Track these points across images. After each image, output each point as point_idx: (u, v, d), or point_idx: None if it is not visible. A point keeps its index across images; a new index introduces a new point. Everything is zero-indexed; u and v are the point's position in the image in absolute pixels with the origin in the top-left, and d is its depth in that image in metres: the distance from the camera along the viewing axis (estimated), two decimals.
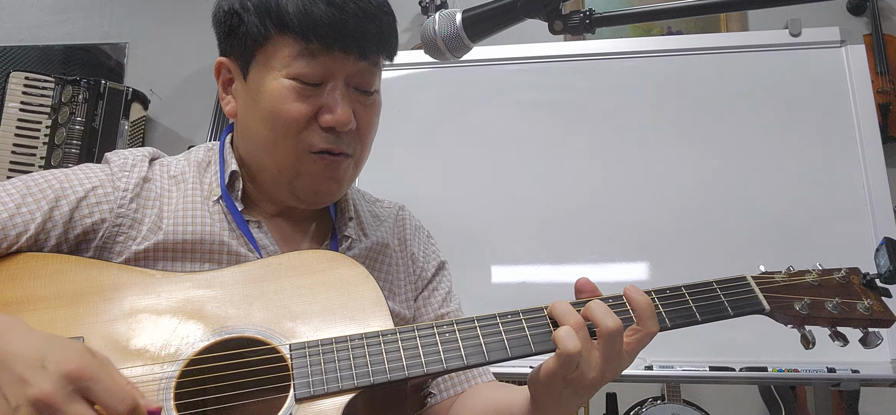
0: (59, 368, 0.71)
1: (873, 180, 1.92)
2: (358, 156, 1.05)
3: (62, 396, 0.70)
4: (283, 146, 0.99)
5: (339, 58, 0.96)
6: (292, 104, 0.97)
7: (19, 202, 0.94)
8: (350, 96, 0.99)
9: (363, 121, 1.02)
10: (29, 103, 3.42)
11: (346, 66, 0.97)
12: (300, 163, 1.00)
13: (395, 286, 1.15)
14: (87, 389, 0.72)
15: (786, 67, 2.08)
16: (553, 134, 2.16)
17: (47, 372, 0.71)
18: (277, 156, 1.00)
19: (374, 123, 1.06)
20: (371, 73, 1.01)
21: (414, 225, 1.24)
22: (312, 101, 0.97)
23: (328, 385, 0.81)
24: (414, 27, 3.65)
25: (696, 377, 1.86)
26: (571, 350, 0.80)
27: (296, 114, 0.97)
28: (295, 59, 0.96)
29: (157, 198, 1.02)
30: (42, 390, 0.70)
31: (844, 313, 0.92)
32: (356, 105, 1.00)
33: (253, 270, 0.94)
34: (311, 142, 0.98)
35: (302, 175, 1.01)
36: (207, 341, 0.86)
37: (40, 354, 0.73)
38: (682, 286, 0.92)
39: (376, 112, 1.06)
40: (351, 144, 1.02)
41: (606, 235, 2.03)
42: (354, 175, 1.08)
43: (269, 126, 0.99)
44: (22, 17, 4.15)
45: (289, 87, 0.97)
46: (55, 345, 0.75)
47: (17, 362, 0.73)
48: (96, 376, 0.73)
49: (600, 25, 0.91)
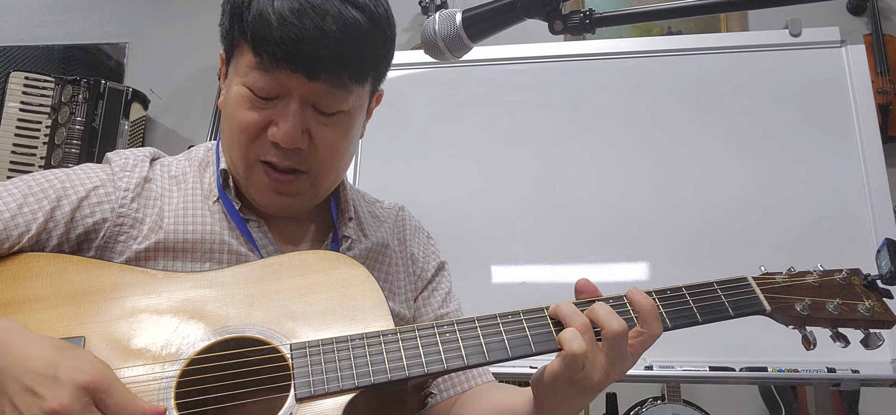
0: (73, 379, 0.72)
1: (873, 180, 1.92)
2: (316, 173, 1.01)
3: (79, 408, 0.71)
4: (238, 151, 1.00)
5: (289, 75, 0.93)
6: (245, 112, 0.96)
7: (21, 202, 0.94)
8: (305, 115, 0.96)
9: (321, 140, 0.98)
10: (29, 103, 3.43)
11: (300, 85, 0.94)
12: (250, 170, 1.00)
13: (395, 287, 1.15)
14: (101, 401, 0.73)
15: (786, 67, 2.08)
16: (553, 134, 2.16)
17: (62, 384, 0.71)
18: (234, 157, 1.02)
19: (341, 143, 1.01)
20: (330, 94, 0.95)
21: (414, 225, 1.24)
22: (264, 112, 0.96)
23: (329, 385, 0.81)
24: (414, 27, 3.65)
25: (696, 377, 1.86)
26: (578, 352, 0.80)
27: (246, 122, 0.96)
28: (250, 70, 0.95)
29: (158, 198, 1.02)
30: (60, 402, 0.70)
31: (845, 314, 0.92)
32: (313, 124, 0.97)
33: (254, 270, 0.94)
34: (259, 152, 0.98)
35: (252, 183, 1.02)
36: (208, 341, 0.86)
37: (52, 364, 0.73)
38: (683, 287, 0.92)
39: (342, 132, 1.00)
40: (304, 161, 0.99)
41: (606, 235, 2.03)
42: (316, 192, 1.05)
43: (228, 127, 1.01)
44: (22, 17, 4.15)
45: (244, 96, 0.96)
46: (65, 354, 0.75)
47: (27, 373, 0.73)
48: (110, 388, 0.74)
49: (600, 25, 0.91)
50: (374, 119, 1.13)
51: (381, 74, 1.06)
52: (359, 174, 2.16)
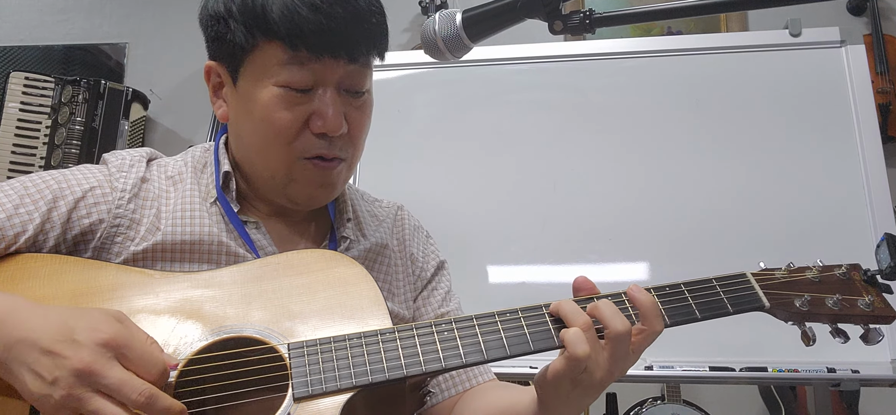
0: (93, 337, 0.74)
1: (873, 180, 1.92)
2: (350, 158, 1.04)
3: (103, 363, 0.73)
4: (276, 154, 0.99)
5: (328, 63, 0.94)
6: (283, 113, 0.96)
7: (17, 203, 0.94)
8: (341, 100, 0.98)
9: (354, 123, 1.01)
10: (29, 103, 3.43)
11: (336, 70, 0.95)
12: (293, 169, 1.00)
13: (394, 287, 1.15)
14: (122, 355, 0.75)
15: (786, 67, 2.08)
16: (553, 134, 2.16)
17: (82, 344, 0.73)
18: (270, 163, 1.00)
19: (366, 124, 1.04)
20: (361, 74, 0.99)
21: (413, 225, 1.24)
22: (303, 108, 0.96)
23: (326, 385, 0.81)
24: (414, 27, 3.65)
25: (696, 377, 1.86)
26: (581, 354, 0.80)
27: (287, 122, 0.96)
28: (283, 67, 0.94)
29: (155, 198, 1.02)
30: (82, 359, 0.72)
31: (845, 310, 0.92)
32: (347, 108, 0.99)
33: (251, 270, 0.94)
34: (303, 148, 0.98)
35: (295, 181, 1.01)
36: (206, 341, 0.86)
37: (67, 326, 0.75)
38: (682, 284, 0.92)
39: (367, 113, 1.04)
40: (343, 147, 1.01)
41: (606, 235, 2.03)
42: (348, 177, 1.07)
43: (262, 135, 0.98)
44: (22, 17, 4.15)
45: (279, 96, 0.95)
46: (79, 316, 0.77)
47: (43, 339, 0.74)
48: (130, 343, 0.76)
49: (600, 25, 0.91)
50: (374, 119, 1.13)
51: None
52: (359, 174, 2.15)
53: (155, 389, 0.74)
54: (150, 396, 0.73)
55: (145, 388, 0.73)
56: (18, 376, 0.74)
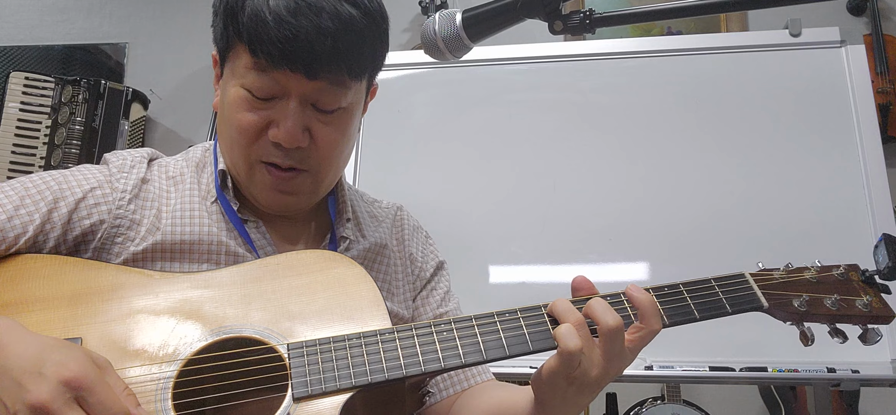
0: (57, 374, 0.71)
1: (873, 180, 1.92)
2: (317, 171, 1.02)
3: (60, 403, 0.70)
4: (238, 152, 1.00)
5: (288, 75, 0.93)
6: (244, 114, 0.96)
7: (17, 204, 0.94)
8: (305, 114, 0.96)
9: (322, 138, 0.98)
10: (29, 103, 3.42)
11: (299, 84, 0.94)
12: (252, 171, 1.00)
13: (394, 287, 1.15)
14: (82, 399, 0.72)
15: (786, 67, 2.08)
16: (553, 134, 2.16)
17: (45, 378, 0.71)
18: (234, 160, 1.02)
19: (337, 140, 1.01)
20: (329, 92, 0.96)
21: (412, 225, 1.24)
22: (263, 113, 0.96)
23: (326, 385, 0.81)
24: (414, 27, 3.65)
25: (696, 377, 1.86)
26: (572, 348, 0.79)
27: (246, 124, 0.96)
28: (247, 71, 0.94)
29: (156, 199, 1.02)
30: (39, 396, 0.70)
31: (843, 310, 0.92)
32: (313, 122, 0.97)
33: (251, 270, 0.94)
34: (260, 152, 0.98)
35: (254, 183, 1.02)
36: (205, 341, 0.86)
37: (39, 360, 0.73)
38: (681, 284, 0.92)
39: (341, 129, 1.00)
40: (304, 159, 0.99)
41: (606, 235, 2.03)
42: (317, 189, 1.05)
43: (227, 131, 1.00)
44: (22, 17, 4.15)
45: (242, 97, 0.96)
46: (53, 350, 0.75)
47: (15, 368, 0.73)
48: (93, 387, 0.72)
49: (600, 25, 0.91)
50: (374, 119, 1.13)
51: (376, 69, 1.06)
52: (358, 174, 2.15)
53: None
54: None
55: None
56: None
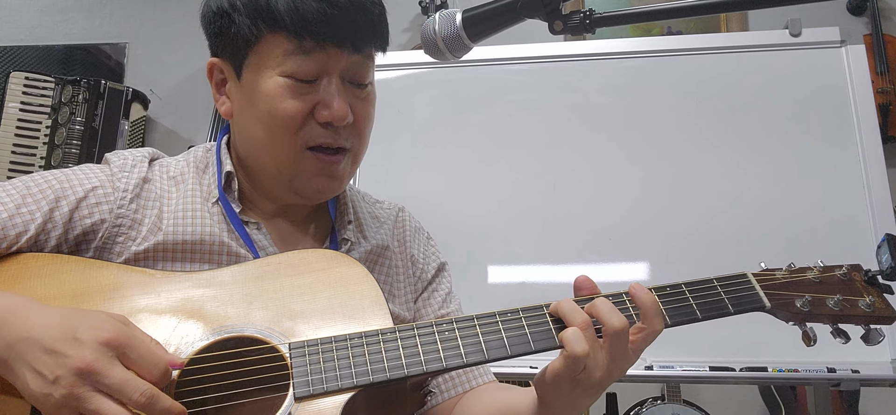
0: (95, 336, 0.74)
1: (873, 180, 1.92)
2: (356, 150, 1.05)
3: (104, 363, 0.73)
4: (281, 145, 0.99)
5: (332, 53, 0.96)
6: (288, 102, 0.96)
7: (19, 203, 0.94)
8: (345, 90, 0.99)
9: (360, 114, 1.02)
10: (29, 103, 3.42)
11: (340, 60, 0.97)
12: (299, 161, 1.00)
13: (395, 288, 1.15)
14: (124, 355, 0.75)
15: (786, 67, 2.08)
16: (553, 134, 2.16)
17: (84, 343, 0.73)
18: (276, 155, 1.00)
19: (371, 115, 1.06)
20: (364, 66, 1.01)
21: (414, 226, 1.24)
22: (308, 97, 0.97)
23: (327, 384, 0.81)
24: (414, 27, 3.65)
25: (696, 377, 1.86)
26: (580, 353, 0.79)
27: (292, 111, 0.97)
28: (288, 57, 0.95)
29: (157, 199, 1.02)
30: (83, 358, 0.72)
31: (846, 310, 0.92)
32: (352, 99, 1.00)
33: (253, 270, 0.94)
34: (308, 138, 0.99)
35: (301, 173, 1.01)
36: (207, 341, 0.86)
37: (70, 326, 0.75)
38: (683, 284, 0.92)
39: (372, 104, 1.06)
40: (349, 138, 1.02)
41: (606, 235, 2.03)
42: (353, 170, 1.08)
43: (267, 126, 0.98)
44: (22, 17, 4.15)
45: (284, 86, 0.96)
46: (80, 316, 0.77)
47: (45, 338, 0.74)
48: (132, 343, 0.76)
49: (600, 25, 0.91)
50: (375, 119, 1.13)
51: None
52: (358, 174, 2.15)
53: (156, 389, 0.74)
54: (151, 396, 0.74)
55: (146, 388, 0.74)
56: (20, 374, 0.75)
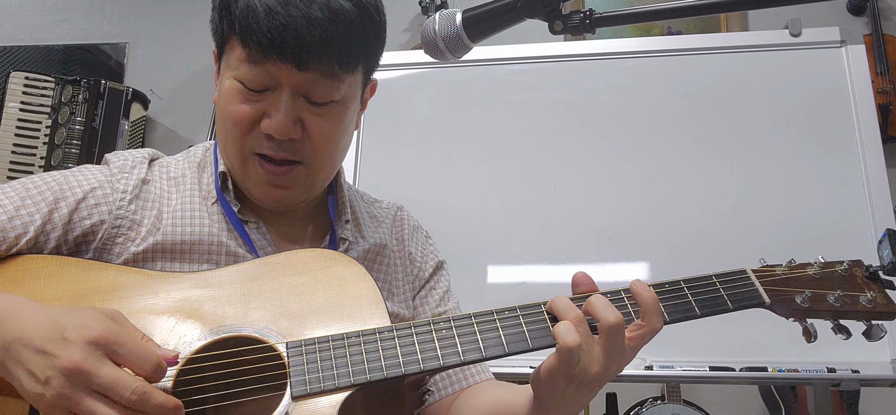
0: (82, 336, 0.73)
1: (873, 180, 1.92)
2: (312, 164, 1.01)
3: (93, 362, 0.72)
4: (232, 145, 1.00)
5: (278, 65, 0.93)
6: (237, 106, 0.97)
7: (18, 204, 0.94)
8: (296, 105, 0.96)
9: (315, 130, 0.98)
10: (29, 103, 3.43)
11: (291, 75, 0.94)
12: (246, 164, 1.01)
13: (394, 287, 1.15)
14: (113, 352, 0.74)
15: (786, 67, 2.08)
16: (553, 134, 2.16)
17: (71, 342, 0.73)
18: (229, 153, 1.02)
19: (332, 132, 1.00)
20: (321, 84, 0.95)
21: (412, 225, 1.24)
22: (257, 105, 0.96)
23: (325, 383, 0.81)
24: (414, 27, 3.65)
25: (696, 377, 1.86)
26: (571, 345, 0.79)
27: (239, 115, 0.97)
28: (241, 63, 0.95)
29: (157, 199, 1.02)
30: (71, 359, 0.71)
31: (847, 306, 0.91)
32: (305, 114, 0.97)
33: (250, 269, 0.94)
34: (253, 144, 0.99)
35: (248, 176, 1.02)
36: (205, 340, 0.86)
37: (58, 326, 0.74)
38: (681, 280, 0.91)
39: (334, 121, 1.00)
40: (298, 151, 0.99)
41: (606, 235, 2.03)
42: (313, 183, 1.05)
43: (222, 123, 1.01)
44: (22, 17, 4.15)
45: (235, 89, 0.96)
46: (69, 315, 0.76)
47: (35, 338, 0.74)
48: (120, 340, 0.75)
49: (600, 25, 0.90)
50: (374, 119, 1.13)
51: (372, 62, 1.05)
52: (359, 174, 2.16)
53: (148, 386, 0.74)
54: (143, 394, 0.73)
55: (138, 386, 0.73)
56: (15, 375, 0.75)
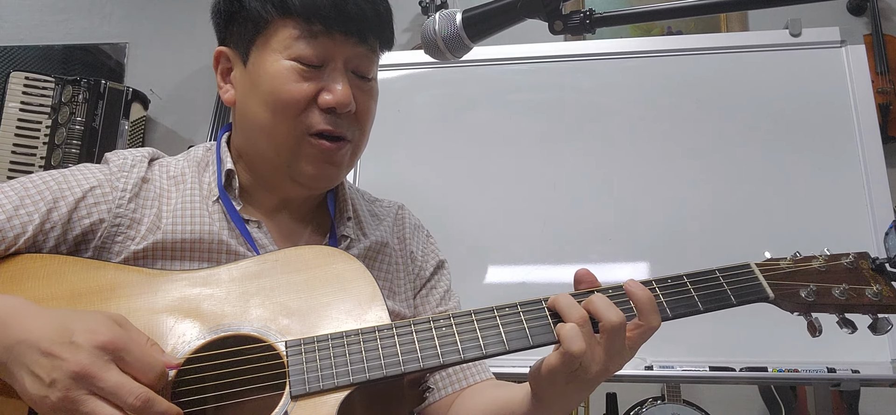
0: (90, 340, 0.74)
1: (873, 180, 1.92)
2: (356, 142, 1.06)
3: (100, 367, 0.73)
4: (283, 128, 1.00)
5: (339, 40, 0.98)
6: (293, 85, 0.98)
7: (17, 204, 0.94)
8: (349, 80, 1.01)
9: (361, 106, 1.03)
10: (29, 103, 3.42)
11: (346, 48, 0.99)
12: (299, 145, 1.01)
13: (395, 285, 1.15)
14: (119, 358, 0.75)
15: (786, 67, 2.08)
16: (553, 134, 2.15)
17: (79, 346, 0.73)
18: (276, 138, 1.01)
19: (372, 109, 1.07)
20: (368, 58, 1.03)
21: (413, 224, 1.24)
22: (313, 82, 0.99)
23: (324, 382, 0.81)
24: (414, 27, 3.65)
25: (696, 377, 1.86)
26: (576, 351, 0.79)
27: (296, 94, 0.98)
28: (295, 41, 0.98)
29: (156, 198, 1.02)
30: (79, 362, 0.72)
31: (852, 299, 0.90)
32: (354, 89, 1.02)
33: (250, 267, 0.94)
34: (310, 123, 0.99)
35: (300, 158, 1.01)
36: (204, 339, 0.86)
37: (66, 329, 0.75)
38: (684, 275, 0.91)
39: (374, 99, 1.07)
40: (350, 128, 1.03)
41: (606, 235, 2.03)
42: (352, 162, 1.09)
43: (270, 108, 0.99)
44: (22, 17, 4.15)
45: (289, 68, 0.98)
46: (76, 318, 0.77)
47: (42, 341, 0.74)
48: (127, 346, 0.75)
49: (600, 25, 0.91)
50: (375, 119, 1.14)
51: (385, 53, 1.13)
52: (359, 174, 2.15)
53: (152, 393, 0.74)
54: (147, 400, 0.73)
55: (142, 392, 0.73)
56: (17, 377, 0.75)
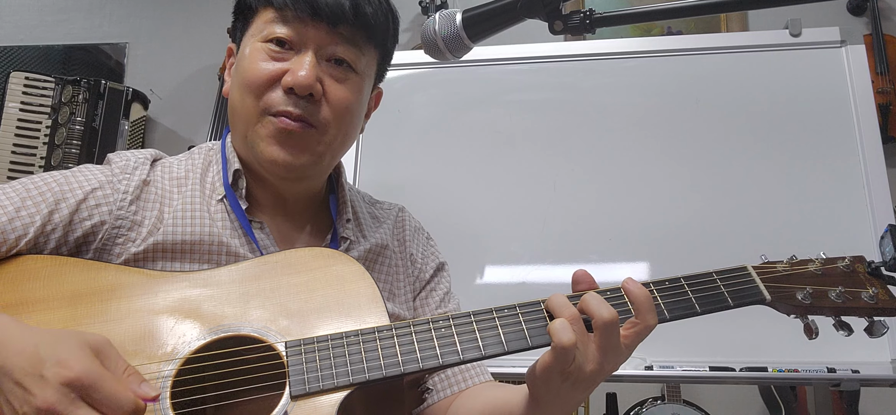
0: (58, 376, 0.71)
1: (873, 180, 1.92)
2: (328, 131, 1.02)
3: (66, 404, 0.70)
4: (246, 106, 1.01)
5: (309, 24, 0.99)
6: (259, 64, 1.00)
7: (18, 205, 0.94)
8: (321, 67, 1.01)
9: (334, 94, 1.02)
10: (29, 103, 3.42)
11: (319, 35, 1.00)
12: (259, 124, 1.01)
13: (395, 287, 1.15)
14: (88, 395, 0.72)
15: (786, 67, 2.08)
16: (553, 134, 2.15)
17: (47, 382, 0.71)
18: (241, 117, 1.03)
19: (349, 102, 1.03)
20: (344, 48, 1.02)
21: (413, 226, 1.24)
22: (279, 64, 1.00)
23: (324, 382, 0.81)
24: (414, 27, 3.65)
25: (696, 377, 1.86)
26: (566, 343, 0.79)
27: (261, 72, 1.00)
28: (269, 24, 1.01)
29: (158, 199, 1.02)
30: (46, 400, 0.70)
31: (848, 302, 0.91)
32: (326, 77, 1.01)
33: (250, 269, 0.94)
34: (270, 102, 1.00)
35: (259, 138, 1.01)
36: (204, 340, 0.86)
37: (38, 359, 0.73)
38: (682, 278, 0.92)
39: (354, 91, 1.04)
40: (314, 113, 1.01)
41: (606, 235, 2.03)
42: (321, 153, 1.04)
43: (239, 88, 1.02)
44: (22, 17, 4.15)
45: (260, 49, 1.01)
46: (50, 347, 0.74)
47: (15, 370, 0.73)
48: (96, 383, 0.72)
49: (600, 25, 0.91)
50: (375, 118, 1.14)
51: (386, 56, 1.11)
52: (359, 174, 2.15)
53: None
54: None
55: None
56: None
